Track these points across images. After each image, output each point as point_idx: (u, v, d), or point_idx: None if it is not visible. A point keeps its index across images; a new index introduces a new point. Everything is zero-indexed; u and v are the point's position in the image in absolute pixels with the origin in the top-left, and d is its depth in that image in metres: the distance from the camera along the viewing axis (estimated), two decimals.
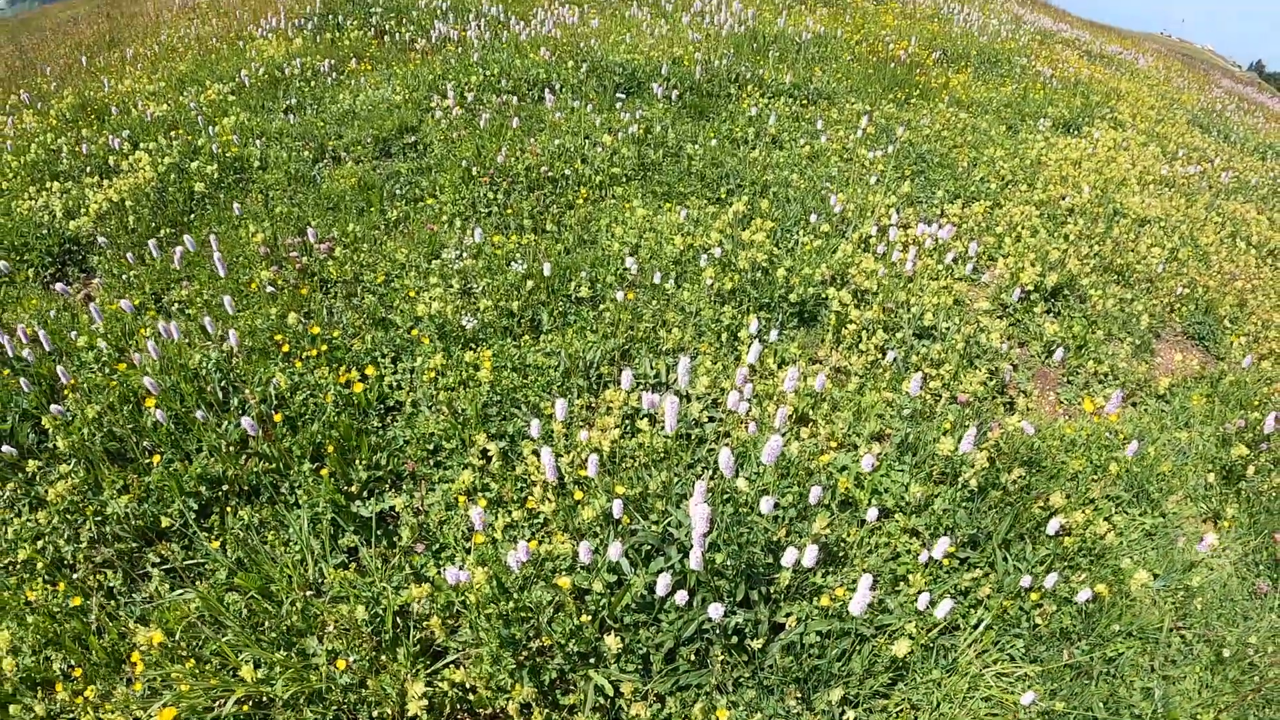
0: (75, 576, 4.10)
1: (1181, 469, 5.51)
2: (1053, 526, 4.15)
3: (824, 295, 6.18)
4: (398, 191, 7.72)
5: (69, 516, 4.34)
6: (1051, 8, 34.75)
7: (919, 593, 3.90)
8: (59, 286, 6.21)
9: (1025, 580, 4.02)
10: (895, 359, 5.70)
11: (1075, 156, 10.56)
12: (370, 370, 5.07)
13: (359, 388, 4.92)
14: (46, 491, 4.35)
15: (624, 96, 9.83)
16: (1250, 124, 19.00)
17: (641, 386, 5.20)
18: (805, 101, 10.55)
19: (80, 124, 10.18)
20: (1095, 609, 4.16)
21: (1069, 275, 7.26)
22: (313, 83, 10.52)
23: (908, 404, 4.87)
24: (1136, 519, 5.02)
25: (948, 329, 6.10)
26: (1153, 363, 6.90)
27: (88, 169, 8.65)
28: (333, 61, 10.98)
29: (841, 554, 4.19)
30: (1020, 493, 4.67)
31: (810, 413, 5.06)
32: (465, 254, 6.38)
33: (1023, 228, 8.05)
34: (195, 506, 4.38)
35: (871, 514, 4.11)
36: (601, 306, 5.85)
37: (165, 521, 4.26)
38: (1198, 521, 5.25)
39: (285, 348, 5.32)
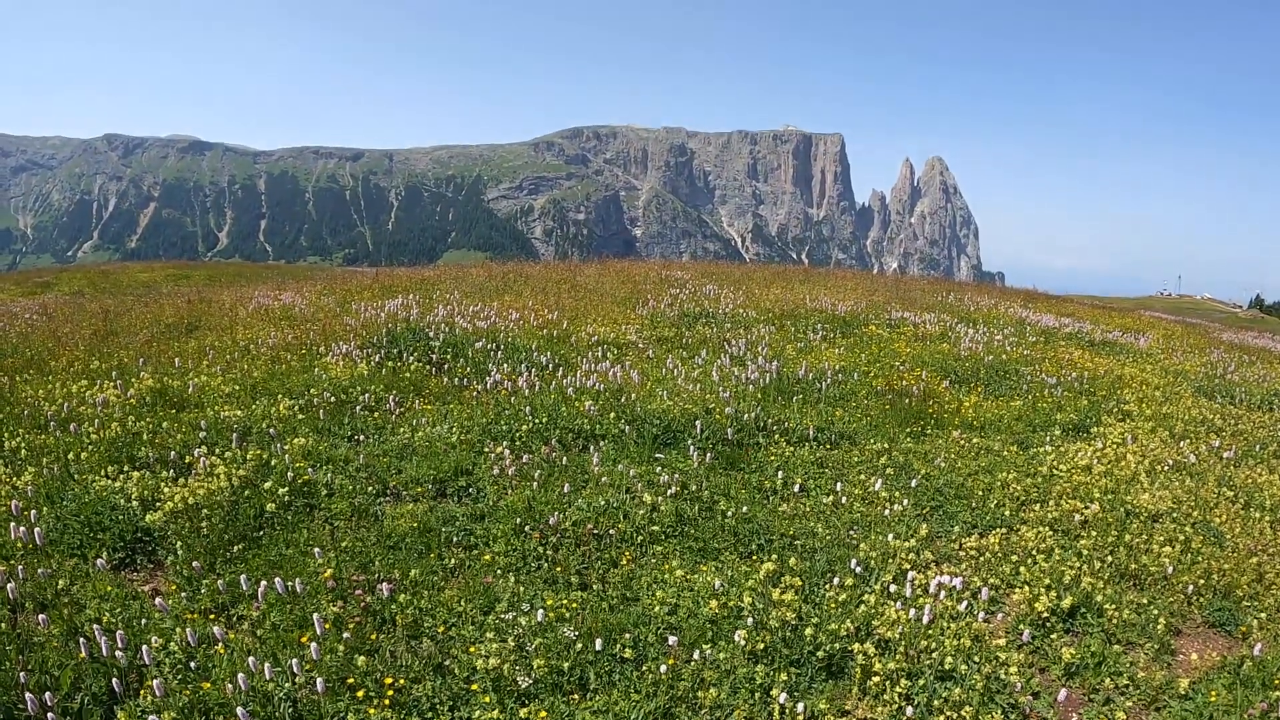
0: None
1: None
2: None
3: (850, 648, 6.80)
4: (454, 539, 8.51)
5: None
6: (1054, 298, 36.69)
7: None
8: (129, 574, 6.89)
9: None
10: (919, 704, 6.26)
11: (1085, 463, 11.35)
12: None
13: None
14: None
15: (661, 452, 10.92)
16: (1255, 376, 20.00)
17: None
18: (829, 445, 11.63)
19: (159, 411, 11.34)
20: None
21: (1084, 593, 7.84)
22: (376, 413, 11.71)
23: None
24: None
25: (967, 670, 6.65)
26: (1174, 662, 7.31)
27: (165, 461, 9.57)
28: (396, 396, 12.23)
29: None
30: None
31: None
32: (519, 614, 7.07)
33: (1037, 551, 8.70)
34: None
35: None
36: (645, 666, 6.49)
37: None
38: None
39: (360, 694, 5.97)
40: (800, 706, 5.89)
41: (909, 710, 6.10)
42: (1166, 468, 11.55)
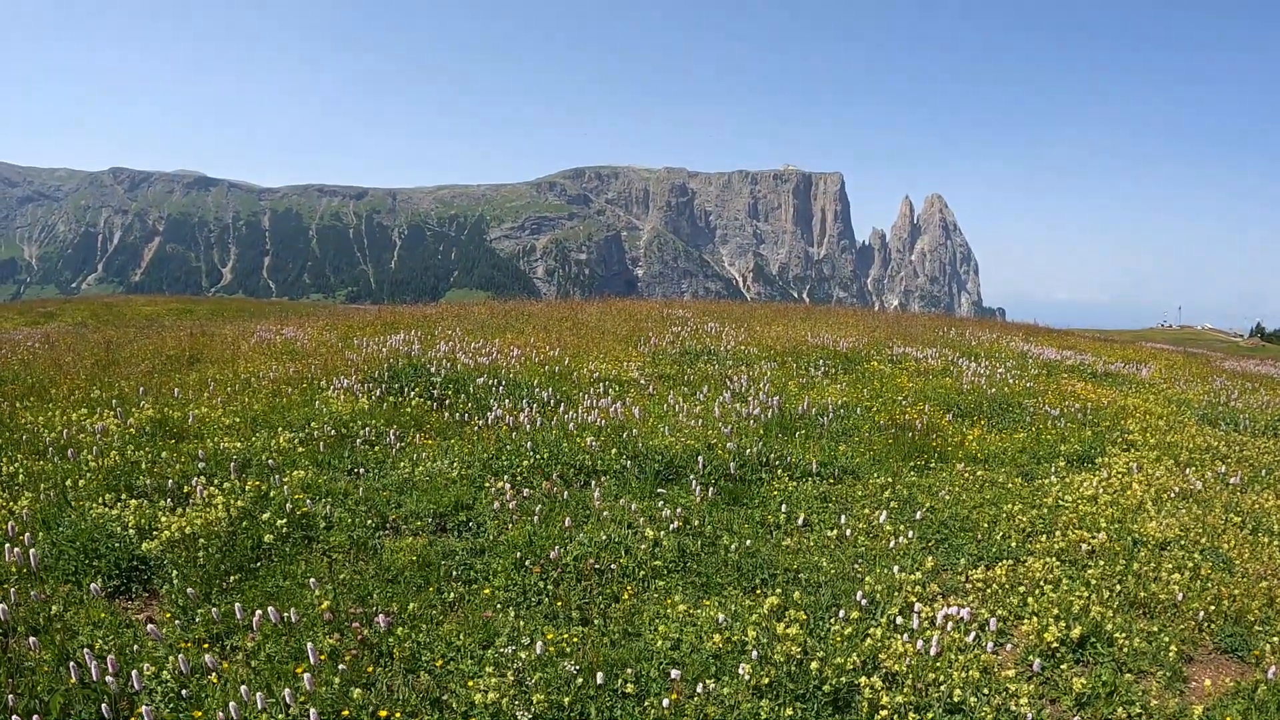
0: None
1: None
2: None
3: (856, 683, 6.71)
4: (454, 573, 8.39)
5: None
6: (1055, 332, 36.79)
7: None
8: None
9: None
10: None
11: (1090, 493, 11.30)
12: None
13: None
14: None
15: (664, 487, 10.85)
16: (1258, 402, 20.02)
17: None
18: (832, 480, 11.55)
19: (159, 441, 11.29)
20: None
21: (1093, 623, 7.75)
22: (376, 447, 11.63)
23: None
24: None
25: (976, 703, 6.55)
26: (1187, 689, 7.22)
27: (163, 490, 9.51)
28: (397, 431, 12.17)
29: None
30: None
31: None
32: (519, 648, 6.96)
33: (1045, 581, 8.62)
34: None
35: None
36: (647, 701, 6.38)
37: None
38: None
39: None
40: None
41: None
42: (1173, 496, 11.54)
